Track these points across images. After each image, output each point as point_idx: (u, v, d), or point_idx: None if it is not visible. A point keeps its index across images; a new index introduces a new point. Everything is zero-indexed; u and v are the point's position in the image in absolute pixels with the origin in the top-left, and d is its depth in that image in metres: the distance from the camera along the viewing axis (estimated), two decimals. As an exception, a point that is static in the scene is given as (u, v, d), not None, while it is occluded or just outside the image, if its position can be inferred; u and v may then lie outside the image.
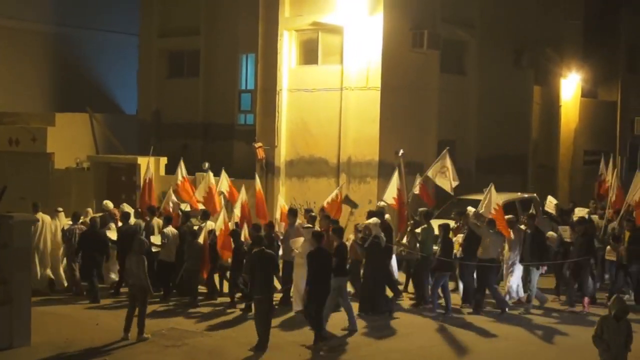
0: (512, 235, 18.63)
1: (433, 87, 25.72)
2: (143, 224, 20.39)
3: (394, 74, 24.42)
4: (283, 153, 25.82)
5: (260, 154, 25.52)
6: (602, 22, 34.68)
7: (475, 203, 21.17)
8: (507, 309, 18.18)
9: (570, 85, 33.14)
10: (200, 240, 18.74)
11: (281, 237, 19.11)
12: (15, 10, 33.59)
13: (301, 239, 17.64)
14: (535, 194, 24.92)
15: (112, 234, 20.31)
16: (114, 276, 20.25)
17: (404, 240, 19.99)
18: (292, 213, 19.42)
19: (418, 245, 19.18)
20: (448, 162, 20.61)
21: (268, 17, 25.92)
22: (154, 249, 19.12)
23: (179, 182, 22.18)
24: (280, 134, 25.79)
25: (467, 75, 27.68)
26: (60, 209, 21.17)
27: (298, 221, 19.19)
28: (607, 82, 36.04)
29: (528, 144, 30.63)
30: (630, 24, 35.85)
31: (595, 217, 22.15)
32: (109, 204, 22.19)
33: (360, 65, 24.35)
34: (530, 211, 20.70)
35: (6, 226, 15.06)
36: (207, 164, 26.38)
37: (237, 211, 20.21)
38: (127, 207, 21.67)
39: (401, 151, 21.30)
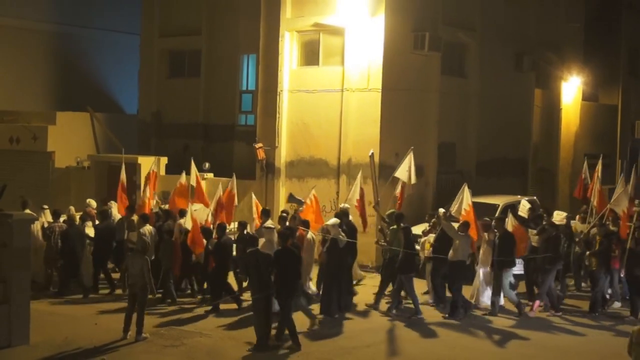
0: (487, 237, 18.65)
1: (434, 89, 25.74)
2: (126, 222, 20.46)
3: (394, 75, 24.43)
4: (283, 154, 25.83)
5: (261, 154, 25.53)
6: (603, 25, 34.76)
7: (475, 205, 21.19)
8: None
9: (571, 89, 33.17)
10: (173, 237, 18.94)
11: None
12: (16, 9, 33.66)
13: (261, 240, 17.71)
14: (535, 197, 24.96)
15: (90, 231, 20.41)
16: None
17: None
18: (265, 213, 19.54)
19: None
20: (412, 162, 20.64)
21: (269, 18, 25.93)
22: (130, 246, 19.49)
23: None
24: (280, 134, 25.79)
25: (468, 78, 27.70)
26: (46, 207, 21.17)
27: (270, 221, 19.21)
28: (608, 86, 36.12)
29: (528, 147, 30.65)
30: (631, 27, 35.94)
31: (575, 223, 21.91)
32: (92, 202, 22.27)
33: (361, 66, 24.36)
34: (497, 214, 20.57)
35: (5, 225, 15.07)
36: (207, 164, 26.45)
37: (211, 208, 20.27)
38: (114, 206, 21.75)
39: (371, 151, 21.31)
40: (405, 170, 20.76)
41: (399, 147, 24.60)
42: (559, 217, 21.11)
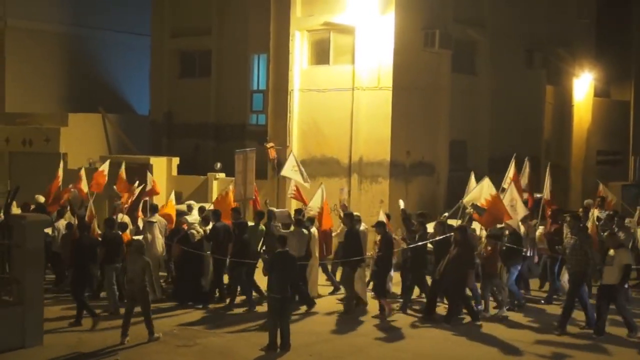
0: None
1: (445, 87, 25.77)
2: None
3: (405, 74, 24.46)
4: (295, 153, 25.74)
5: (272, 154, 25.58)
6: (614, 21, 34.67)
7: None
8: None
9: (583, 85, 33.09)
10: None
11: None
12: (28, 11, 33.76)
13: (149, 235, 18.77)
14: (547, 194, 24.83)
15: None
16: None
17: None
18: (153, 208, 19.94)
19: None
20: (298, 162, 21.50)
21: (280, 17, 26.02)
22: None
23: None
24: (291, 134, 25.87)
25: (478, 75, 27.71)
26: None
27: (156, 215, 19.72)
28: (620, 82, 36.02)
29: (540, 144, 30.56)
30: (642, 22, 35.81)
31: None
32: (40, 197, 22.26)
33: (372, 65, 24.41)
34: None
35: (19, 227, 15.13)
36: (219, 164, 26.50)
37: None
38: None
39: (249, 149, 21.44)
40: (291, 170, 21.19)
41: (410, 145, 24.71)
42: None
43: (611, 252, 16.02)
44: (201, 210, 20.48)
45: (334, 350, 15.34)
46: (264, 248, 19.53)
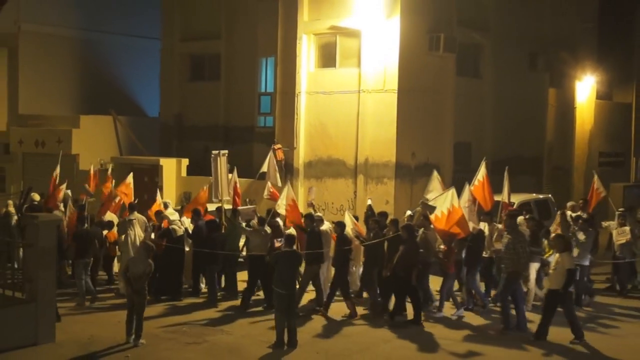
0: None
1: (449, 89, 25.95)
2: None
3: (410, 76, 24.67)
4: (302, 154, 26.17)
5: (280, 155, 25.83)
6: (617, 24, 34.78)
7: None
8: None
9: (585, 88, 33.22)
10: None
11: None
12: (41, 16, 34.06)
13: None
14: (550, 195, 25.12)
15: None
16: None
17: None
18: (132, 207, 20.42)
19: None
20: (274, 162, 22.09)
21: (287, 21, 26.26)
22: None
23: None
24: (299, 135, 26.10)
25: (482, 78, 27.91)
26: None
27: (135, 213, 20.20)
28: (622, 84, 36.14)
29: (543, 146, 30.76)
30: (645, 25, 35.98)
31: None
32: (36, 196, 22.60)
33: (378, 68, 24.61)
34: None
35: (31, 226, 15.36)
36: (227, 166, 26.78)
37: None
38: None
39: (219, 151, 21.68)
40: (268, 167, 21.72)
41: (416, 147, 24.90)
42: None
43: (557, 256, 15.94)
44: (182, 210, 20.83)
45: (340, 347, 15.45)
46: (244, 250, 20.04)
